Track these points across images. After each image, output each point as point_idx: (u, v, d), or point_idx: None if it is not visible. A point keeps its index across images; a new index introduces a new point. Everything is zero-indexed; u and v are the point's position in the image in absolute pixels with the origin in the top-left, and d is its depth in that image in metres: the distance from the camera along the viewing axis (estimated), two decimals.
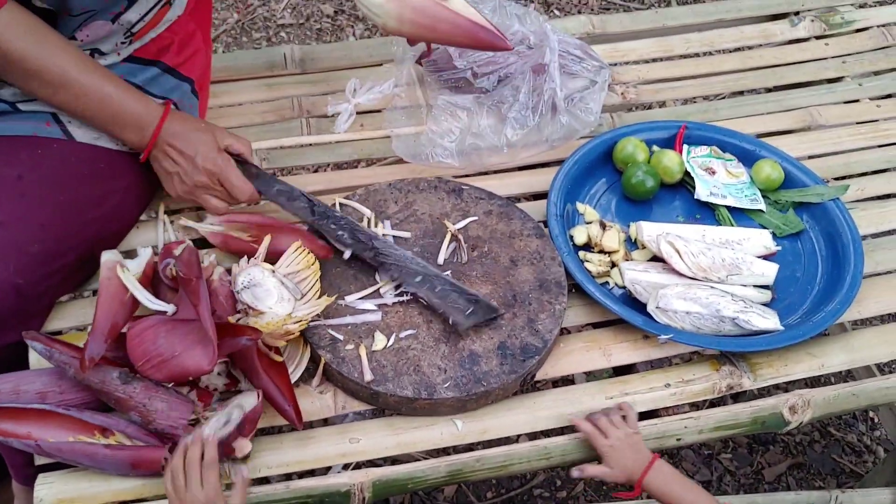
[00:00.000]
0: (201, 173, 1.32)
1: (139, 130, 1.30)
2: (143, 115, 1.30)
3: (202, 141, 1.32)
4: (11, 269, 1.20)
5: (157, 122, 1.30)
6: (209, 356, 1.10)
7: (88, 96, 1.26)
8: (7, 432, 1.12)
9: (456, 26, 1.34)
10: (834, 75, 1.87)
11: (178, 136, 1.31)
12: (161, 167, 1.34)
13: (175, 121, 1.32)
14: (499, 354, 1.26)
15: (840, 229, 1.47)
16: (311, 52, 1.79)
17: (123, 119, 1.29)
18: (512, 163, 1.59)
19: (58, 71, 1.23)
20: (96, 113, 1.28)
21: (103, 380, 1.12)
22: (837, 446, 2.08)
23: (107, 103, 1.27)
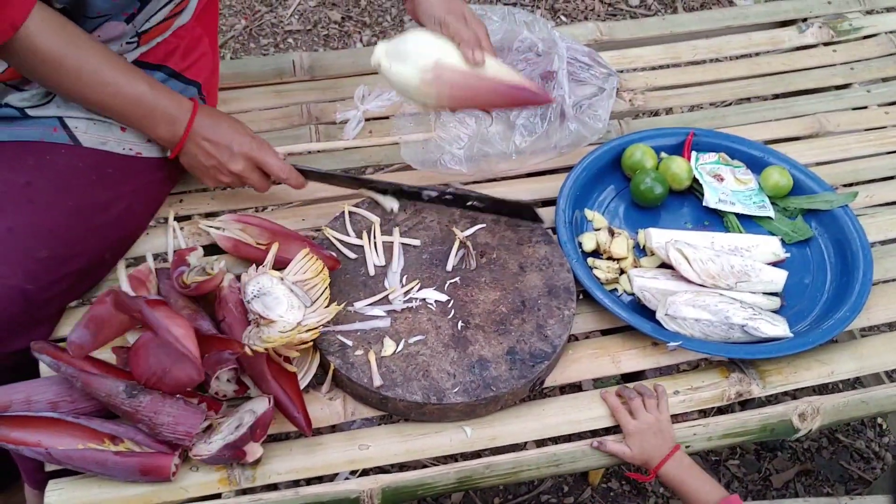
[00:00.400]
0: (239, 160, 1.33)
1: (171, 126, 1.31)
2: (175, 111, 1.30)
3: (234, 129, 1.34)
4: (20, 274, 1.21)
5: (188, 116, 1.31)
6: (194, 367, 1.12)
7: (123, 94, 1.26)
8: (18, 440, 1.13)
9: (495, 93, 1.32)
10: (842, 82, 1.87)
11: (211, 128, 1.32)
12: (196, 162, 1.35)
13: (204, 114, 1.33)
14: (508, 360, 1.26)
15: (849, 236, 1.47)
16: (320, 58, 1.80)
17: (157, 115, 1.29)
18: (520, 169, 1.59)
19: (91, 69, 1.23)
20: (131, 110, 1.28)
21: (110, 393, 1.12)
22: (846, 453, 2.07)
23: (141, 100, 1.27)
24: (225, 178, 1.36)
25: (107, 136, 1.34)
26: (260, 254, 1.34)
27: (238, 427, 1.14)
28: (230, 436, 1.13)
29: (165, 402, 1.13)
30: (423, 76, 1.27)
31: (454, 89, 1.29)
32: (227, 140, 1.33)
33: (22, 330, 1.23)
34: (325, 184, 1.45)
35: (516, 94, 1.31)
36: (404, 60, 1.28)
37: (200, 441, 1.13)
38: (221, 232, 1.39)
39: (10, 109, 1.31)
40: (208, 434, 1.15)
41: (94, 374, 1.14)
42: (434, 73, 1.27)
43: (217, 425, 1.15)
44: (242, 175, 1.35)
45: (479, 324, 1.31)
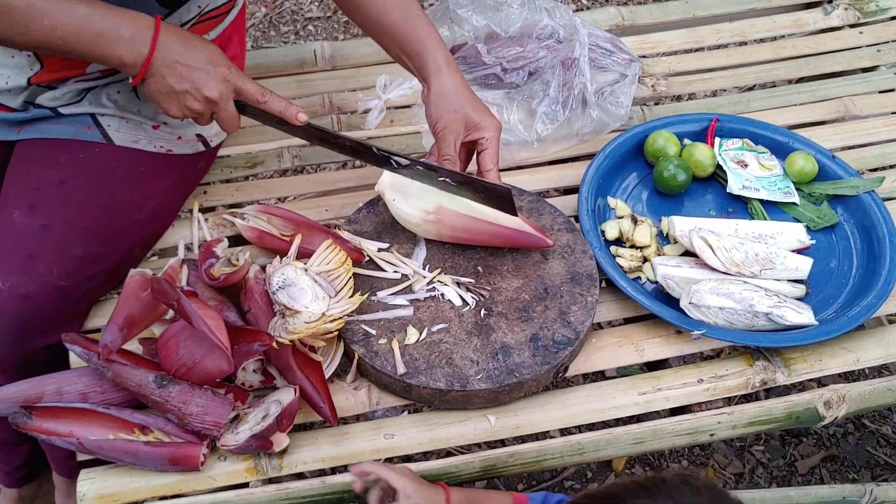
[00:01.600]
0: (216, 84, 1.18)
1: (131, 44, 1.14)
2: (132, 28, 1.14)
3: (209, 50, 1.20)
4: (55, 272, 1.23)
5: (150, 33, 1.15)
6: (225, 359, 1.13)
7: (64, 24, 1.11)
8: (50, 431, 1.15)
9: (495, 235, 1.34)
10: (868, 64, 1.85)
11: (183, 47, 1.17)
12: (164, 84, 1.17)
13: (171, 32, 1.17)
14: (531, 346, 1.27)
15: (875, 222, 1.46)
16: (341, 48, 1.80)
17: (109, 36, 1.13)
18: (542, 157, 1.58)
19: (24, 5, 1.09)
20: (79, 38, 1.13)
21: (140, 383, 1.14)
22: (872, 438, 2.06)
23: (86, 23, 1.12)
24: (197, 105, 1.19)
25: (138, 134, 1.35)
26: (284, 244, 1.35)
27: (265, 417, 1.15)
28: (257, 426, 1.14)
29: (194, 392, 1.14)
30: (426, 216, 1.33)
31: (455, 230, 1.34)
32: (202, 61, 1.18)
33: (55, 325, 1.25)
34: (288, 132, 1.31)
35: (516, 237, 1.35)
36: (407, 197, 1.33)
37: (228, 431, 1.15)
38: (246, 223, 1.40)
39: (43, 110, 1.32)
40: (235, 424, 1.16)
41: (125, 365, 1.16)
42: (436, 215, 1.32)
43: (244, 416, 1.17)
44: (218, 102, 1.20)
45: (502, 311, 1.31)
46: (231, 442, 1.14)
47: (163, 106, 1.21)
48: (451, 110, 1.31)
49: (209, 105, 1.20)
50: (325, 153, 1.61)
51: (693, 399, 1.30)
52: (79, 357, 1.17)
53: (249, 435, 1.14)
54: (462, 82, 1.34)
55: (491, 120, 1.34)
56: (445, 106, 1.32)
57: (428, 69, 1.33)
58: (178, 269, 1.31)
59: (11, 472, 1.57)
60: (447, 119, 1.31)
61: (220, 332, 1.12)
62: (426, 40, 1.34)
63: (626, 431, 1.27)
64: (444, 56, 1.34)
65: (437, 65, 1.33)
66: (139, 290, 1.23)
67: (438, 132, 1.33)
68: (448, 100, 1.32)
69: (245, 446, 1.14)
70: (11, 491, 1.60)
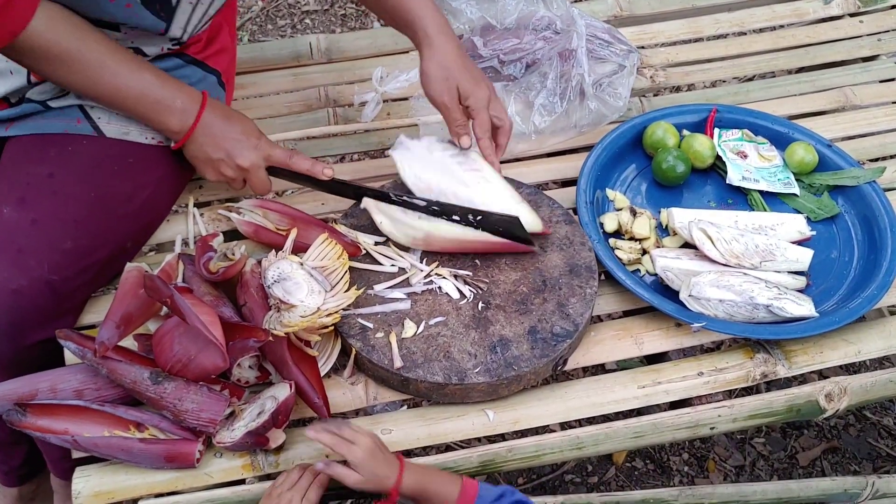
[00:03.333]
0: (250, 152, 1.31)
1: (180, 115, 1.29)
2: (185, 99, 1.29)
3: (245, 124, 1.33)
4: (46, 266, 1.22)
5: (198, 106, 1.29)
6: (220, 355, 1.12)
7: (129, 86, 1.24)
8: (44, 428, 1.14)
9: (485, 245, 1.35)
10: (868, 54, 1.83)
11: (222, 119, 1.31)
12: (202, 152, 1.32)
13: (216, 107, 1.32)
14: (529, 339, 1.26)
15: (876, 213, 1.45)
16: (337, 40, 1.79)
17: (165, 105, 1.27)
18: (540, 149, 1.57)
19: (96, 62, 1.21)
20: (138, 102, 1.26)
21: (135, 380, 1.13)
22: (873, 430, 2.05)
23: (147, 91, 1.26)
24: (230, 171, 1.33)
25: (129, 125, 1.34)
26: (280, 239, 1.34)
27: (260, 414, 1.14)
28: (252, 423, 1.13)
29: (189, 389, 1.13)
30: (414, 241, 1.34)
31: (444, 246, 1.35)
32: (237, 133, 1.31)
33: (48, 321, 1.24)
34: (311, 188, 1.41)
35: (504, 247, 1.35)
36: (394, 222, 1.33)
37: (224, 428, 1.14)
38: (242, 217, 1.39)
39: (33, 104, 1.31)
40: (231, 421, 1.15)
41: (120, 361, 1.15)
42: (424, 240, 1.34)
43: (239, 412, 1.16)
44: (250, 170, 1.33)
45: (500, 304, 1.30)
46: (227, 439, 1.13)
47: (200, 169, 1.36)
48: (441, 79, 1.33)
49: (241, 172, 1.33)
50: (321, 147, 1.60)
51: (693, 392, 1.29)
52: (73, 354, 1.16)
53: (245, 432, 1.13)
54: (455, 50, 1.35)
55: (480, 89, 1.34)
56: (438, 74, 1.33)
57: (419, 39, 1.35)
58: (175, 266, 1.30)
59: (10, 471, 1.56)
60: (440, 87, 1.34)
61: (215, 329, 1.12)
62: (417, 9, 1.34)
63: (626, 425, 1.26)
64: (437, 24, 1.34)
65: (427, 34, 1.33)
66: (136, 286, 1.22)
67: (436, 102, 1.36)
68: (440, 68, 1.33)
69: (241, 443, 1.13)
70: (11, 490, 1.59)
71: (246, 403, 1.17)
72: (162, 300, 1.17)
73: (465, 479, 1.14)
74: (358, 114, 1.64)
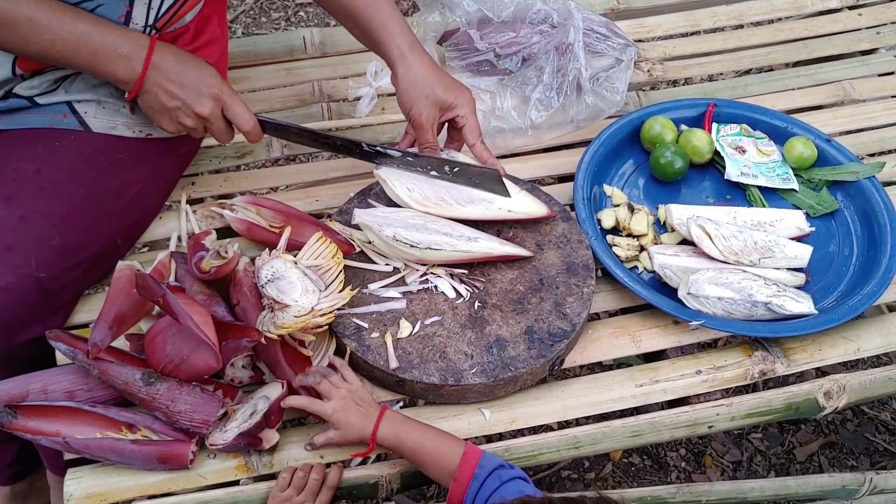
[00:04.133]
0: (206, 102, 1.24)
1: (126, 62, 1.20)
2: (129, 47, 1.20)
3: (201, 69, 1.25)
4: (33, 263, 1.20)
5: (144, 52, 1.21)
6: (213, 355, 1.10)
7: (64, 40, 1.16)
8: (35, 430, 1.13)
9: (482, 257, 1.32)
10: (867, 47, 1.82)
11: (175, 66, 1.23)
12: (157, 102, 1.24)
13: (166, 51, 1.23)
14: (526, 339, 1.24)
15: (876, 208, 1.44)
16: (331, 34, 1.77)
17: (107, 54, 1.19)
18: (536, 145, 1.56)
19: (23, 19, 1.14)
20: (77, 53, 1.18)
21: (127, 381, 1.12)
22: (871, 425, 2.05)
23: (84, 41, 1.17)
24: (189, 121, 1.25)
25: (116, 119, 1.32)
26: (274, 236, 1.32)
27: (252, 414, 1.13)
28: (244, 423, 1.12)
29: (182, 390, 1.12)
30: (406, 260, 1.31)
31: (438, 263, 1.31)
32: (194, 80, 1.23)
33: (37, 318, 1.23)
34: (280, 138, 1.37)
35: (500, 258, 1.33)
36: (388, 247, 1.30)
37: (216, 430, 1.13)
38: (235, 214, 1.37)
39: (19, 100, 1.29)
40: (224, 422, 1.14)
41: (111, 363, 1.14)
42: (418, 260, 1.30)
43: (232, 413, 1.14)
44: (209, 118, 1.25)
45: (497, 303, 1.29)
46: (219, 441, 1.12)
47: (157, 120, 1.27)
48: (422, 96, 1.32)
49: (200, 121, 1.26)
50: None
51: (691, 391, 1.28)
52: (63, 355, 1.15)
53: (237, 433, 1.11)
54: (429, 64, 1.34)
55: (463, 96, 1.34)
56: (416, 93, 1.32)
57: (392, 56, 1.33)
58: (168, 265, 1.28)
59: (2, 469, 1.55)
60: (420, 106, 1.32)
61: (208, 329, 1.10)
62: (389, 25, 1.33)
63: (624, 424, 1.25)
64: (408, 41, 1.33)
65: (401, 51, 1.32)
66: (128, 285, 1.21)
67: (413, 120, 1.33)
68: (417, 86, 1.32)
69: (233, 444, 1.12)
70: (3, 489, 1.58)
71: (239, 404, 1.16)
72: (154, 300, 1.15)
73: (469, 445, 1.13)
74: (352, 109, 1.62)
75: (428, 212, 1.33)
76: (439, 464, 1.13)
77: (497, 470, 1.10)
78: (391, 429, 1.13)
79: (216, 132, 1.29)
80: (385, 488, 1.19)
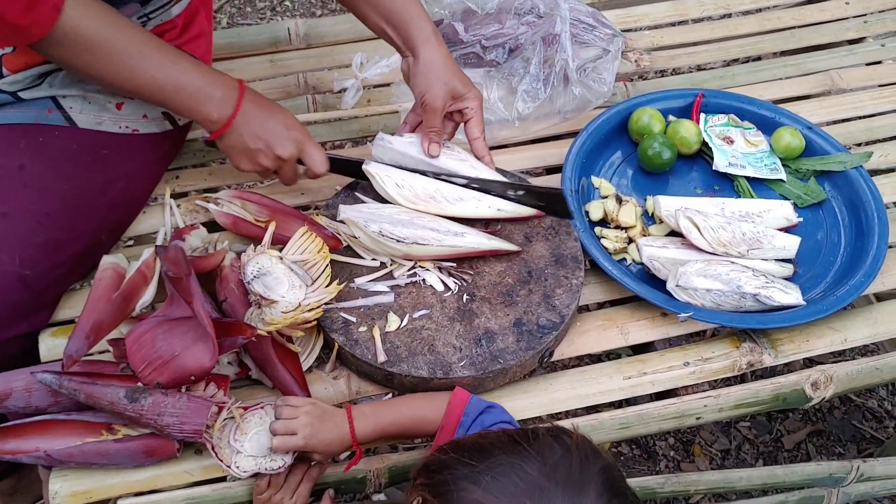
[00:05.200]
0: (290, 143, 1.28)
1: (220, 103, 1.24)
2: (223, 87, 1.25)
3: (285, 113, 1.31)
4: (17, 260, 1.19)
5: (236, 94, 1.25)
6: (210, 352, 1.08)
7: (168, 75, 1.20)
8: (14, 451, 1.11)
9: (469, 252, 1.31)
10: (855, 36, 1.82)
11: (262, 109, 1.28)
12: (240, 142, 1.27)
13: (253, 98, 1.28)
14: (515, 331, 1.24)
15: (863, 198, 1.44)
16: (316, 25, 1.75)
17: (205, 94, 1.23)
18: (524, 136, 1.55)
19: (135, 51, 1.17)
20: (177, 91, 1.22)
21: (112, 401, 1.08)
22: (857, 412, 2.06)
23: (186, 80, 1.22)
24: (268, 162, 1.29)
25: (102, 115, 1.31)
26: (260, 231, 1.31)
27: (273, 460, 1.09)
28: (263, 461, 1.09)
29: (167, 401, 1.08)
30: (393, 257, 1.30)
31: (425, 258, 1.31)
32: (278, 124, 1.28)
33: (22, 316, 1.22)
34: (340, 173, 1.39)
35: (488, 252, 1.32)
36: (374, 241, 1.28)
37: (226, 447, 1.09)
38: (220, 208, 1.36)
39: (3, 95, 1.28)
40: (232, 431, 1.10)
41: (95, 385, 1.10)
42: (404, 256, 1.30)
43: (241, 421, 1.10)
44: (288, 161, 1.29)
45: (485, 296, 1.28)
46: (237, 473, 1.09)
47: (234, 160, 1.31)
48: (441, 82, 1.33)
49: (278, 162, 1.29)
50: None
51: (679, 383, 1.28)
52: (49, 385, 1.10)
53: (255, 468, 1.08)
54: (447, 54, 1.35)
55: (475, 91, 1.36)
56: (435, 77, 1.32)
57: (415, 40, 1.33)
58: (152, 264, 1.26)
59: None
60: (436, 91, 1.33)
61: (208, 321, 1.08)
62: (412, 10, 1.33)
63: (612, 416, 1.25)
64: (431, 27, 1.34)
65: (426, 35, 1.33)
66: (109, 289, 1.18)
67: (427, 104, 1.34)
68: (437, 71, 1.33)
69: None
70: None
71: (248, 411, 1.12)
72: (177, 275, 1.13)
73: (457, 391, 1.13)
74: (338, 100, 1.61)
75: (417, 209, 1.32)
76: (426, 426, 1.13)
77: (481, 416, 1.10)
78: (366, 424, 1.11)
79: (287, 173, 1.32)
80: (373, 483, 1.19)
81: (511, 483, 0.85)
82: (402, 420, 1.14)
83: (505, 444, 0.89)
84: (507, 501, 0.84)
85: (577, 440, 0.90)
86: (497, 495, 0.84)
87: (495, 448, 0.89)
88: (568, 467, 0.86)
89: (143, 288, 1.20)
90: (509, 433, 0.93)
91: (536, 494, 0.83)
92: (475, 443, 0.92)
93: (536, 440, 0.89)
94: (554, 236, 1.36)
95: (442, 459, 0.91)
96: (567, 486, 0.84)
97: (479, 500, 0.84)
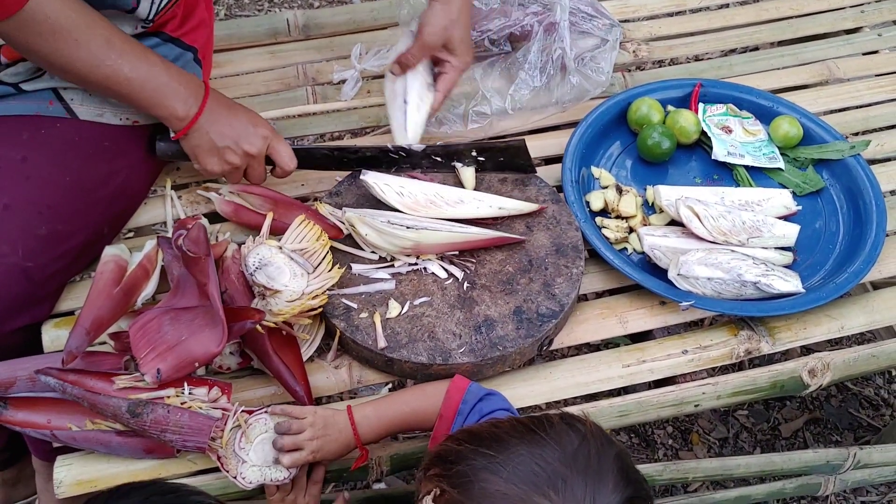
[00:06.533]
0: (257, 140, 1.28)
1: (185, 101, 1.24)
2: (188, 85, 1.25)
3: (250, 112, 1.32)
4: (20, 252, 1.19)
5: (202, 92, 1.26)
6: (218, 337, 1.07)
7: (135, 67, 1.19)
8: (24, 422, 1.12)
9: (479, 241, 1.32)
10: (852, 26, 1.82)
11: (227, 108, 1.29)
12: (206, 140, 1.27)
13: (218, 98, 1.29)
14: (515, 319, 1.25)
15: (861, 186, 1.44)
16: (315, 16, 1.75)
17: (171, 89, 1.23)
18: (523, 127, 1.55)
19: (102, 39, 1.16)
20: (143, 85, 1.21)
21: (115, 413, 1.08)
22: (854, 400, 2.07)
23: (154, 73, 1.21)
24: (236, 159, 1.29)
25: (103, 107, 1.31)
26: (261, 219, 1.31)
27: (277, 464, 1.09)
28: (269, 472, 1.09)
29: (169, 418, 1.07)
30: (402, 251, 1.30)
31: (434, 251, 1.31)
32: (244, 122, 1.29)
33: (24, 308, 1.22)
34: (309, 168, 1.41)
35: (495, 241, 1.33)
36: (381, 235, 1.28)
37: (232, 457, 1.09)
38: (222, 197, 1.36)
39: (4, 87, 1.28)
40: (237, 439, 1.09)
41: (99, 395, 1.09)
42: (413, 249, 1.29)
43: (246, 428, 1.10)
44: (256, 157, 1.30)
45: (486, 284, 1.29)
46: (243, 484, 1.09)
47: (201, 160, 1.30)
48: (443, 27, 1.36)
49: (246, 159, 1.29)
50: (300, 126, 1.58)
51: (677, 370, 1.29)
52: (52, 388, 1.10)
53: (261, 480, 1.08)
54: (468, 13, 1.39)
55: (467, 56, 1.40)
56: (442, 20, 1.36)
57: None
58: (154, 256, 1.26)
59: None
60: (436, 30, 1.36)
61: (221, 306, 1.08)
62: None
63: (611, 404, 1.26)
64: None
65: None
66: (111, 285, 1.18)
67: (422, 35, 1.37)
68: (448, 18, 1.36)
69: None
70: None
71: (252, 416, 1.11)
72: (196, 255, 1.13)
73: (455, 378, 1.14)
74: (337, 92, 1.61)
75: (418, 215, 1.32)
76: (428, 418, 1.13)
77: (479, 403, 1.11)
78: (369, 425, 1.12)
79: (255, 172, 1.33)
80: (375, 471, 1.20)
81: (532, 473, 0.84)
82: (403, 415, 1.14)
83: (521, 433, 0.89)
84: (531, 491, 0.83)
85: (591, 427, 0.90)
86: (519, 485, 0.83)
87: (511, 437, 0.88)
88: (587, 455, 0.85)
89: (145, 282, 1.20)
90: (523, 421, 0.92)
91: (559, 484, 0.83)
92: (490, 432, 0.91)
93: (552, 428, 0.89)
94: (555, 226, 1.36)
95: (457, 450, 0.90)
96: (587, 474, 0.84)
97: (502, 492, 0.83)
